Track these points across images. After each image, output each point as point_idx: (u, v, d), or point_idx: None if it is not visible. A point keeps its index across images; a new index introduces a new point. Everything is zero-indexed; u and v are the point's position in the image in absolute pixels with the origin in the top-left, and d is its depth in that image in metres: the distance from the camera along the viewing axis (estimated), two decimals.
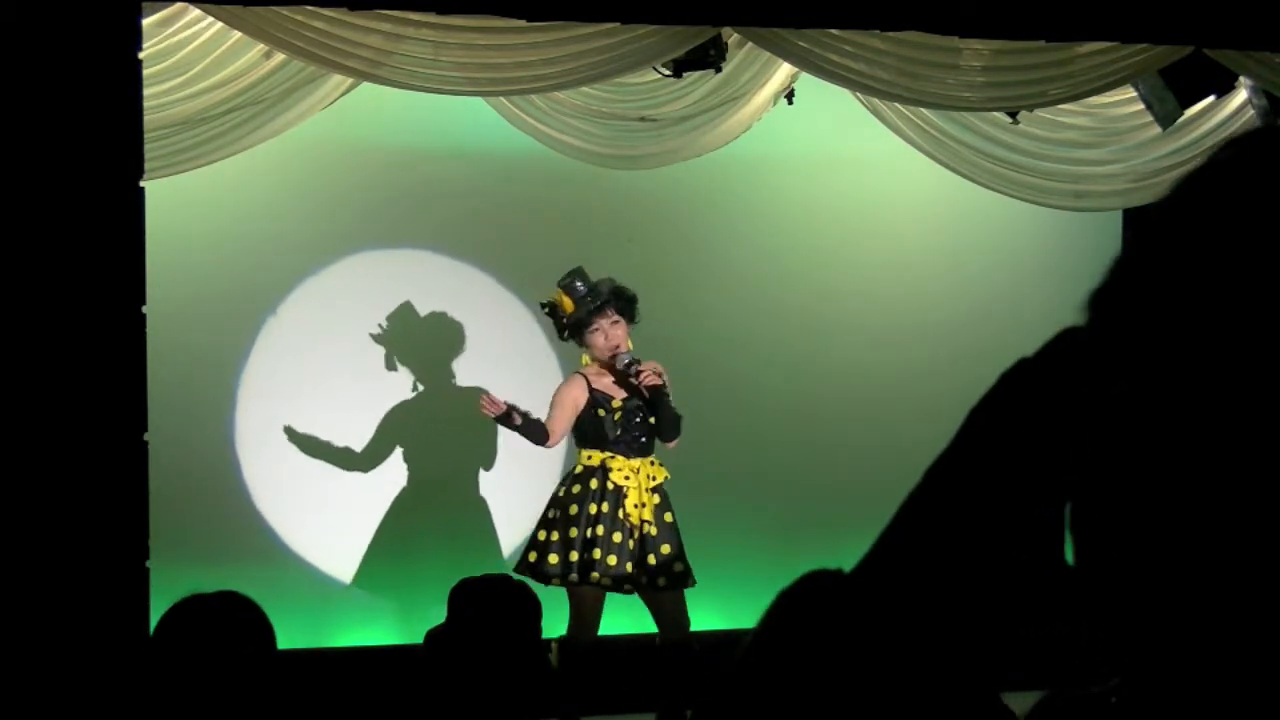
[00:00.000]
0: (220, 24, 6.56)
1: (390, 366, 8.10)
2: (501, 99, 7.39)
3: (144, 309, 5.48)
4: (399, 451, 8.14)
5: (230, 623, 3.10)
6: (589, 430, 6.95)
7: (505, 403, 6.85)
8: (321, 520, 8.01)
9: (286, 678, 3.18)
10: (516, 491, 8.15)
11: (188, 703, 3.01)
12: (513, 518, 8.14)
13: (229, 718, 3.02)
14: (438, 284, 8.19)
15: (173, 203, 7.56)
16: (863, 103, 7.84)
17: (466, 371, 8.23)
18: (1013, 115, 7.98)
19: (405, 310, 8.13)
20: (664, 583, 6.90)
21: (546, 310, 7.05)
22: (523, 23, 6.48)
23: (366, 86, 6.99)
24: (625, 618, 8.11)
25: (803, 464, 8.55)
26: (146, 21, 6.10)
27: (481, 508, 8.23)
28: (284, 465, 7.95)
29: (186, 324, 7.74)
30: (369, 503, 8.07)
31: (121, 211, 5.44)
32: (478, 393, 8.02)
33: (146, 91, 5.87)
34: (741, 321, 8.43)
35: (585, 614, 6.90)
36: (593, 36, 6.73)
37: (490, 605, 3.40)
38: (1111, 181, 8.39)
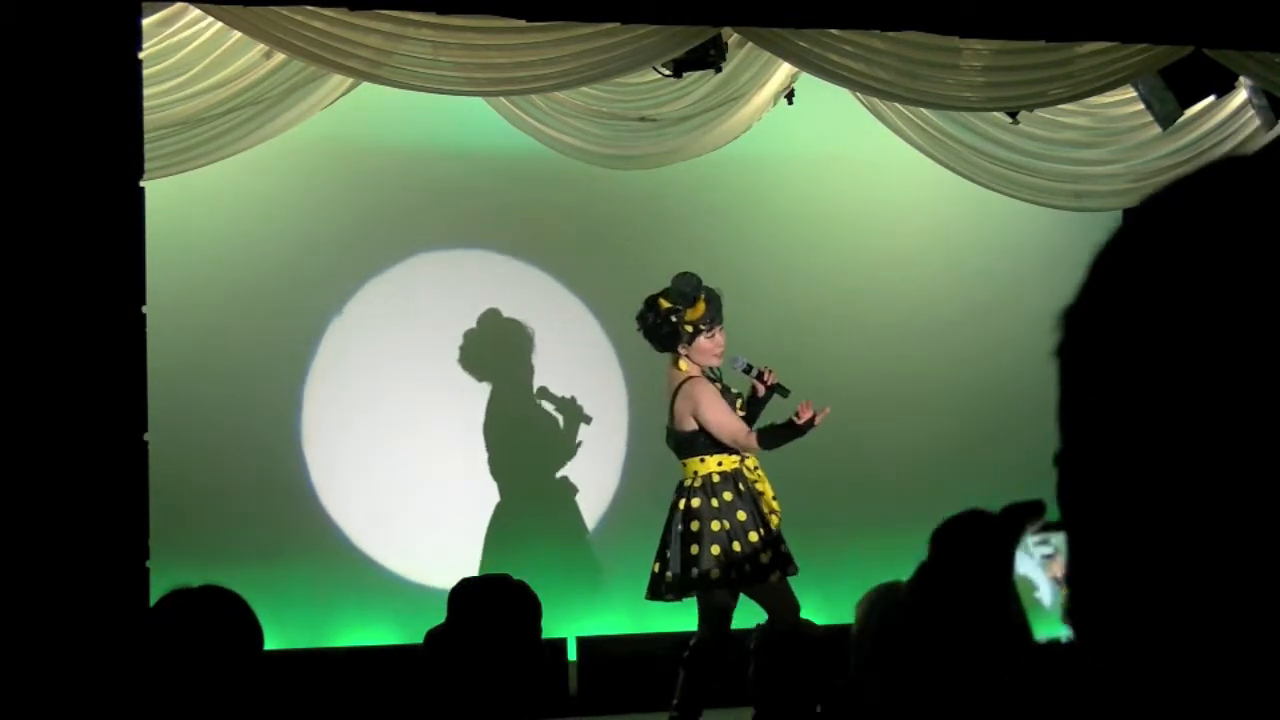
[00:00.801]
0: (220, 24, 6.56)
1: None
2: (501, 99, 7.39)
3: (144, 309, 5.48)
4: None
5: (214, 618, 3.10)
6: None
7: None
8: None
9: (271, 673, 3.18)
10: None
11: (170, 696, 3.01)
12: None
13: (211, 712, 3.02)
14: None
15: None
16: (863, 103, 7.84)
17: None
18: (1013, 115, 7.98)
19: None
20: (792, 570, 6.92)
21: (670, 312, 6.90)
22: (523, 23, 6.48)
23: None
24: (624, 617, 8.12)
25: (803, 462, 8.55)
26: (146, 21, 6.10)
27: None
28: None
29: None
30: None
31: (121, 211, 5.43)
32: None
33: (146, 91, 5.87)
34: (741, 321, 8.43)
35: (790, 599, 6.82)
36: (593, 36, 6.73)
37: (490, 605, 3.40)
38: (1111, 181, 8.39)
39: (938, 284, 8.78)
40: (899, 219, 8.79)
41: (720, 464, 6.87)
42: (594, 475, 8.34)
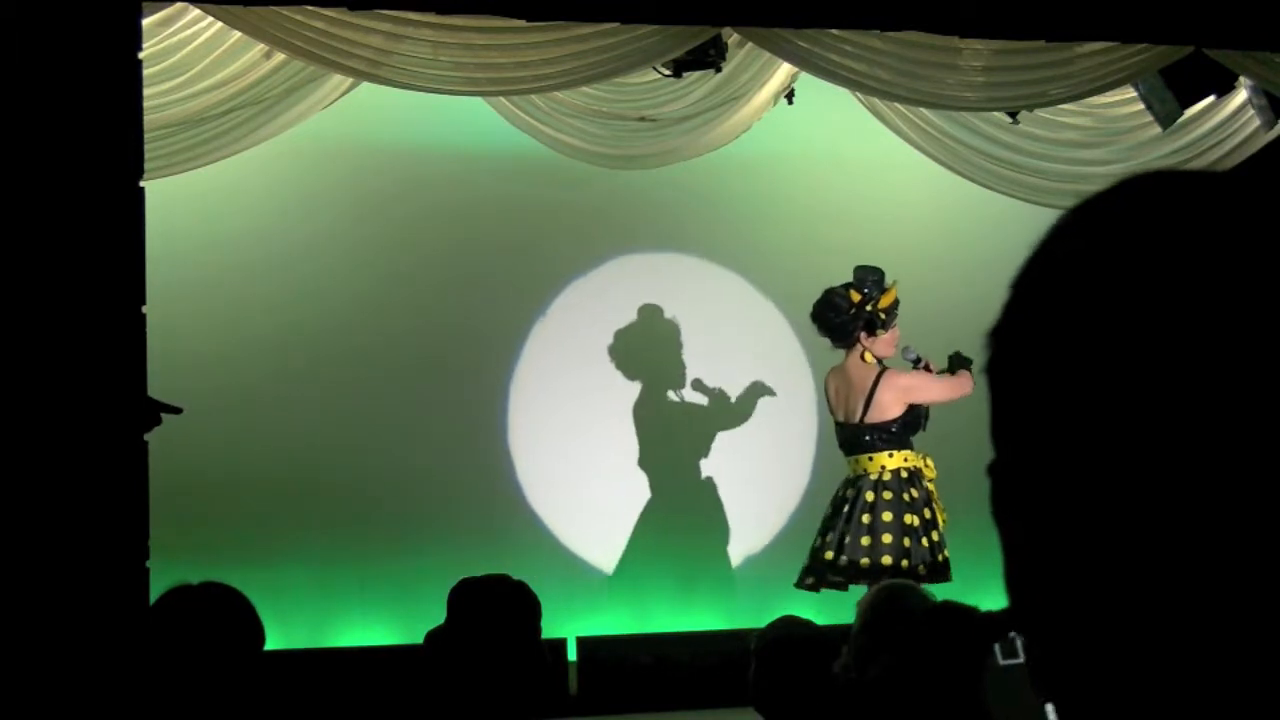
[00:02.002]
0: (220, 24, 6.56)
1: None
2: (501, 99, 7.39)
3: (144, 309, 5.48)
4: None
5: (214, 615, 3.10)
6: (913, 426, 6.99)
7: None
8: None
9: (269, 671, 3.18)
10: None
11: (170, 694, 3.01)
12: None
13: (212, 710, 3.02)
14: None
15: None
16: (863, 103, 7.84)
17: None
18: (1013, 115, 7.98)
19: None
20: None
21: (865, 302, 7.01)
22: (523, 23, 6.48)
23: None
24: (624, 616, 8.12)
25: (803, 461, 8.56)
26: (146, 21, 6.10)
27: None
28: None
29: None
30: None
31: (121, 211, 5.43)
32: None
33: (146, 91, 5.86)
34: (743, 320, 8.45)
35: None
36: (593, 36, 6.72)
37: (490, 605, 3.39)
38: (1111, 181, 8.38)
39: (937, 284, 8.78)
40: (899, 219, 8.79)
41: (906, 459, 6.95)
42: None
